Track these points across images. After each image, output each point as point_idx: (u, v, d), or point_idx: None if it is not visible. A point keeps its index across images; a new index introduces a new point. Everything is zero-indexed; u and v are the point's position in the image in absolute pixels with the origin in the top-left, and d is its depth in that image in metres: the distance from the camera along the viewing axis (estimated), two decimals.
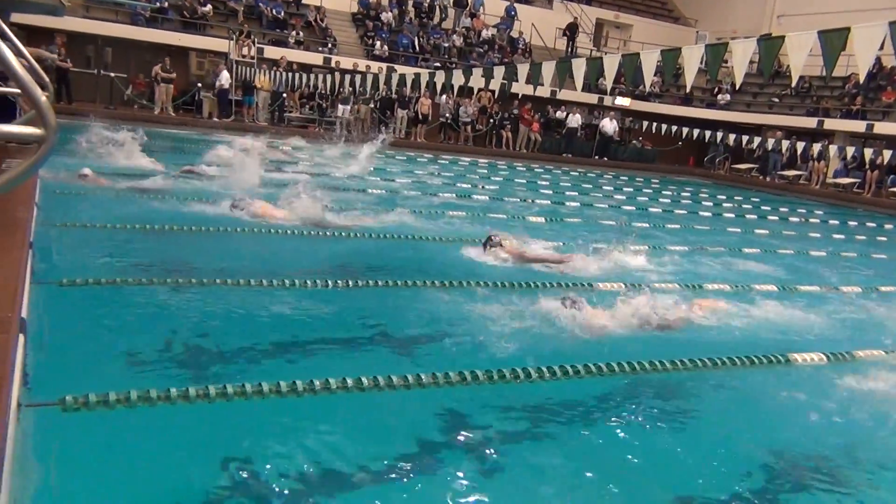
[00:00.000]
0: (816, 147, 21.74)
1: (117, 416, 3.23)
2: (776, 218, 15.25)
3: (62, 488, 2.70)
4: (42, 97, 2.13)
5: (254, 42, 22.05)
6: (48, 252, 5.55)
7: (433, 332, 5.02)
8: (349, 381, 3.79)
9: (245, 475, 2.96)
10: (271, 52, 22.75)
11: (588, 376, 4.32)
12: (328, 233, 7.91)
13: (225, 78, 21.04)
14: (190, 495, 2.81)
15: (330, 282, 5.79)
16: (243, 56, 21.63)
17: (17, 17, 15.02)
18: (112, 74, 21.07)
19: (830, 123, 24.15)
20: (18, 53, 5.39)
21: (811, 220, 15.79)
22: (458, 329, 5.07)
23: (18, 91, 3.79)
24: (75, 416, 3.16)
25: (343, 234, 7.97)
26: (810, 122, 24.64)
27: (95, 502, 2.70)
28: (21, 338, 3.54)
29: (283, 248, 7.22)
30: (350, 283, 5.89)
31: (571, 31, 28.88)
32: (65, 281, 4.96)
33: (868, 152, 20.43)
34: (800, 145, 21.35)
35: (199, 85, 21.94)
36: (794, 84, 21.83)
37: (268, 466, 3.03)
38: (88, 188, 8.77)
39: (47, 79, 6.92)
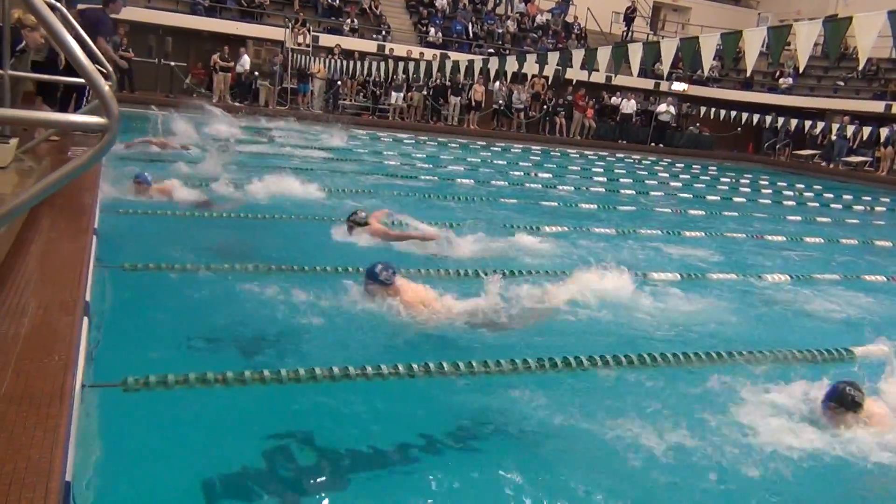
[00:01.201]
0: (884, 132, 20.92)
1: (175, 396, 3.32)
2: (839, 206, 14.76)
3: (121, 465, 2.79)
4: (105, 87, 2.18)
5: (309, 30, 22.27)
6: (111, 237, 5.71)
7: (479, 320, 5.01)
8: (401, 368, 3.83)
9: (296, 457, 3.01)
10: (326, 39, 22.95)
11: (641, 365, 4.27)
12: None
13: (246, 61, 21.25)
14: (241, 475, 2.87)
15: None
16: (299, 44, 21.87)
17: (82, 8, 15.40)
18: (172, 63, 21.54)
19: None
20: (83, 44, 5.56)
21: (877, 208, 15.24)
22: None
23: (83, 81, 3.91)
24: (135, 396, 3.26)
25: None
26: (877, 107, 23.70)
27: (152, 479, 2.78)
28: (85, 320, 3.66)
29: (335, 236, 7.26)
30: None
31: (630, 15, 28.40)
32: (127, 265, 5.11)
33: None
34: (866, 130, 20.58)
35: (256, 73, 22.27)
36: (861, 67, 21.04)
37: (318, 448, 3.08)
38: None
39: (111, 68, 7.11)
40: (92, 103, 5.77)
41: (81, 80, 6.07)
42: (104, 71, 6.49)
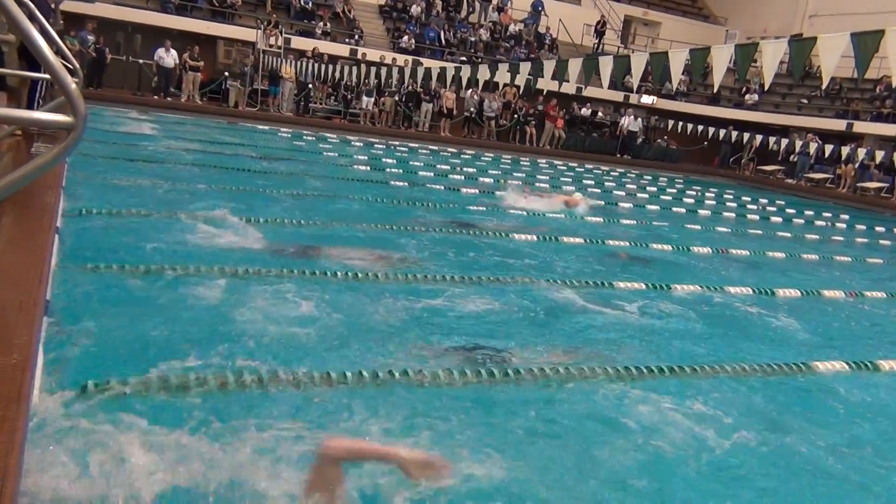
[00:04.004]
0: (845, 150, 21.44)
1: (136, 400, 3.26)
2: (801, 221, 15.05)
3: (80, 473, 2.73)
4: (72, 84, 2.13)
5: (281, 32, 22.15)
6: (74, 236, 5.61)
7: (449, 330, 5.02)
8: (356, 374, 3.81)
9: (261, 466, 2.97)
10: (298, 42, 22.86)
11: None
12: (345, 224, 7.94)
13: (174, 55, 20.52)
14: (204, 482, 2.82)
15: (349, 273, 5.82)
16: (270, 46, 21.73)
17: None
18: (141, 61, 21.28)
19: (860, 126, 23.80)
20: (50, 39, 5.44)
21: (837, 224, 15.57)
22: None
23: (48, 77, 3.81)
24: (95, 400, 3.19)
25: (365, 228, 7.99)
26: (839, 125, 24.29)
27: (112, 486, 2.72)
28: (45, 321, 3.59)
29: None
30: (375, 275, 5.91)
31: (601, 28, 28.75)
32: (89, 266, 5.02)
33: None
34: (828, 148, 21.06)
35: (226, 74, 22.08)
36: (824, 86, 21.53)
37: (286, 458, 3.04)
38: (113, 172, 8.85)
39: (77, 64, 6.98)
40: (58, 100, 5.65)
41: (41, 75, 5.94)
42: (70, 66, 6.37)
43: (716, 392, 4.29)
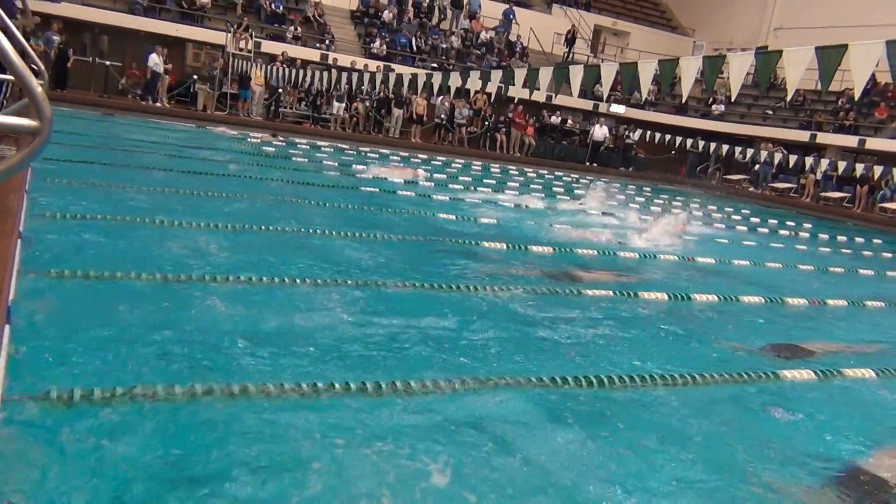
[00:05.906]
0: (808, 161, 21.87)
1: (101, 411, 3.20)
2: (766, 230, 15.30)
3: (42, 482, 2.67)
4: (37, 87, 2.09)
5: (251, 36, 21.98)
6: (37, 242, 5.50)
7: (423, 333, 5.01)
8: (320, 385, 3.79)
9: (225, 478, 2.93)
10: (269, 46, 22.71)
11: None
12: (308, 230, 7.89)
13: (155, 62, 20.30)
14: (168, 495, 2.78)
15: (319, 280, 5.78)
16: (240, 49, 21.55)
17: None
18: (107, 63, 20.97)
19: (823, 137, 24.30)
20: (13, 38, 5.33)
21: (800, 233, 15.85)
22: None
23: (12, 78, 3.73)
24: (58, 409, 3.12)
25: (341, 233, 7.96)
26: (803, 136, 24.78)
27: (74, 497, 2.67)
28: (7, 328, 3.50)
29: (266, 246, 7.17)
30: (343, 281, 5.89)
31: (571, 37, 29.02)
32: (53, 272, 4.92)
33: (859, 167, 20.63)
34: (792, 158, 21.49)
35: (195, 77, 21.84)
36: (789, 97, 21.99)
37: (249, 471, 3.01)
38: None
39: (42, 65, 6.83)
40: (21, 102, 5.54)
41: (5, 76, 5.82)
42: (35, 68, 6.24)
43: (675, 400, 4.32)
